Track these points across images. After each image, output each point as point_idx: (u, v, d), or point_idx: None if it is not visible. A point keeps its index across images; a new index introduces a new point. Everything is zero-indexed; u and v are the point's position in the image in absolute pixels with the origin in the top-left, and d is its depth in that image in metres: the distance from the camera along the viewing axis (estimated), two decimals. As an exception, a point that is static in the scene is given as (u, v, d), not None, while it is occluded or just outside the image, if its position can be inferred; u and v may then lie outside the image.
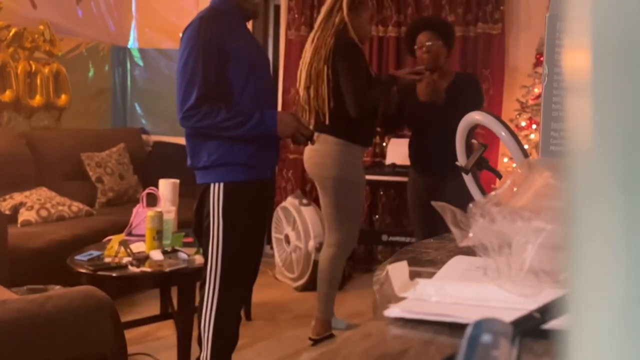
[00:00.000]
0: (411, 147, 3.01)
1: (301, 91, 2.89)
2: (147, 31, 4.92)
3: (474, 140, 1.11)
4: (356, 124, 2.76)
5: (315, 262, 3.41)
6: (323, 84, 2.77)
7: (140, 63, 4.98)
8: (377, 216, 4.38)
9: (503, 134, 0.90)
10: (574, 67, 0.17)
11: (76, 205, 3.65)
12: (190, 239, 2.69)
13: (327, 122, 2.77)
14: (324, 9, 2.84)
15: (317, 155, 2.81)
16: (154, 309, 3.11)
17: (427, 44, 2.83)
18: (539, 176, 0.67)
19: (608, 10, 0.16)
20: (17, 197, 3.47)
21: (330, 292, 2.97)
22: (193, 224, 2.24)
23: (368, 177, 3.91)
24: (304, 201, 3.85)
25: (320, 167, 2.84)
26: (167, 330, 2.98)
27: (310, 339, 2.99)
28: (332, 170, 2.81)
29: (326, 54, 2.74)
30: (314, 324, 3.01)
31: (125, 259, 2.47)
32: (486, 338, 0.42)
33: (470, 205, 0.68)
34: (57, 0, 4.29)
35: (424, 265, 0.78)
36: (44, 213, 3.45)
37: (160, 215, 2.59)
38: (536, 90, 3.55)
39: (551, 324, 0.51)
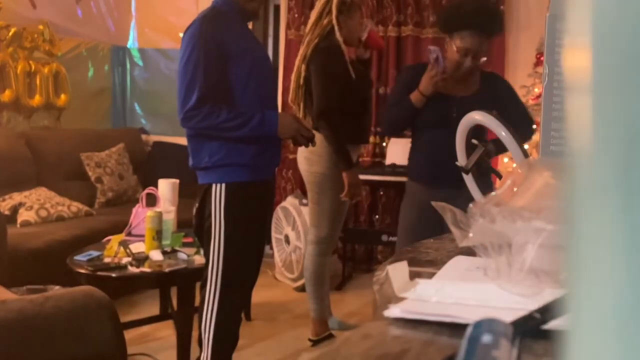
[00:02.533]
0: (421, 154, 2.44)
1: (291, 92, 2.94)
2: (147, 31, 4.92)
3: (474, 141, 1.11)
4: (341, 121, 2.78)
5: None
6: (299, 82, 2.83)
7: (140, 63, 4.98)
8: (377, 216, 4.38)
9: (503, 134, 0.90)
10: (574, 67, 0.17)
11: (75, 206, 3.65)
12: (189, 239, 2.69)
13: (301, 115, 2.82)
14: (314, 12, 2.86)
15: (307, 150, 2.83)
16: (154, 309, 3.10)
17: (474, 60, 2.32)
18: (539, 176, 0.66)
19: (608, 10, 0.16)
20: (17, 197, 3.47)
21: (317, 290, 2.97)
22: (194, 224, 2.24)
23: (368, 177, 3.93)
24: (304, 201, 3.85)
25: (308, 162, 2.87)
26: (167, 331, 2.98)
27: (309, 339, 2.99)
28: (317, 166, 2.84)
29: (306, 55, 2.78)
30: (311, 325, 3.02)
31: (125, 259, 2.47)
32: (486, 338, 0.42)
33: (471, 205, 0.68)
34: (57, 0, 4.29)
35: (424, 266, 0.78)
36: (43, 213, 3.45)
37: (159, 216, 2.59)
38: (536, 90, 3.56)
39: (551, 324, 0.51)
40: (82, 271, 2.39)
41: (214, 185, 2.11)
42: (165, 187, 2.94)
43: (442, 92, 2.34)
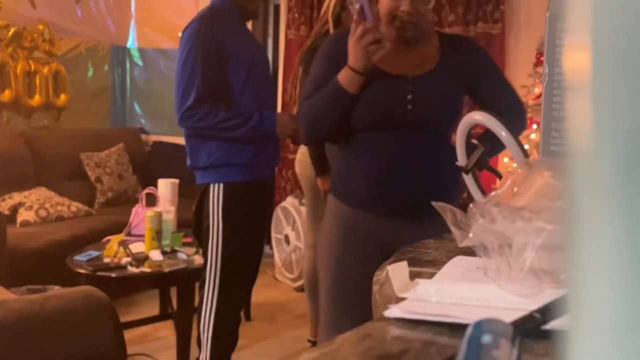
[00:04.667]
0: (357, 168, 1.60)
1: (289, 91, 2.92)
2: (147, 31, 4.92)
3: (474, 141, 1.10)
4: None
5: (315, 262, 3.41)
6: (294, 83, 2.80)
7: (140, 63, 4.98)
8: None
9: (503, 133, 0.90)
10: (574, 67, 0.17)
11: (75, 205, 3.65)
12: (189, 239, 2.69)
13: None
14: (323, 9, 2.84)
15: (300, 152, 2.81)
16: (154, 309, 3.10)
17: (417, 3, 1.53)
18: (539, 176, 0.66)
19: (608, 10, 0.16)
20: (16, 197, 3.47)
21: (316, 291, 2.96)
22: (192, 224, 2.24)
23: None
24: (304, 201, 3.85)
25: (300, 164, 2.84)
26: (167, 331, 2.98)
27: (308, 340, 2.99)
28: (309, 170, 2.81)
29: (301, 55, 2.76)
30: (311, 325, 3.02)
31: (125, 259, 2.46)
32: (486, 338, 0.42)
33: (471, 205, 0.68)
34: (57, 0, 4.29)
35: (424, 266, 0.78)
36: (43, 213, 3.45)
37: (159, 215, 2.58)
38: (537, 90, 3.56)
39: (551, 325, 0.51)
40: (82, 271, 2.39)
41: (212, 185, 2.12)
42: (165, 187, 2.93)
43: (385, 71, 1.54)
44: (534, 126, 3.53)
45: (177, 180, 3.00)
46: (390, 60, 1.54)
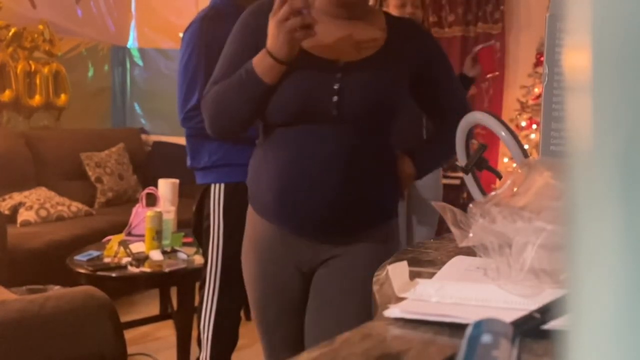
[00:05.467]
0: (270, 172, 1.31)
1: None
2: (147, 31, 4.92)
3: (473, 141, 1.10)
4: None
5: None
6: None
7: (140, 63, 4.99)
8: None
9: (503, 134, 0.90)
10: (574, 67, 0.17)
11: (75, 205, 3.65)
12: (189, 239, 2.69)
13: None
14: None
15: None
16: (154, 309, 3.10)
17: None
18: (539, 176, 0.66)
19: (608, 10, 0.16)
20: (17, 197, 3.47)
21: None
22: (192, 224, 2.24)
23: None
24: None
25: None
26: (167, 331, 2.98)
27: (309, 339, 2.99)
28: None
29: None
30: None
31: (125, 259, 2.47)
32: (486, 338, 0.42)
33: (471, 205, 0.68)
34: (57, 0, 4.29)
35: (424, 266, 0.78)
36: (43, 213, 3.45)
37: (159, 215, 2.58)
38: (536, 90, 3.56)
39: (551, 324, 0.51)
40: (82, 271, 2.39)
41: (212, 186, 2.12)
42: (165, 187, 2.94)
43: (312, 52, 1.25)
44: (534, 126, 3.53)
45: (177, 180, 3.00)
46: (321, 39, 1.23)
